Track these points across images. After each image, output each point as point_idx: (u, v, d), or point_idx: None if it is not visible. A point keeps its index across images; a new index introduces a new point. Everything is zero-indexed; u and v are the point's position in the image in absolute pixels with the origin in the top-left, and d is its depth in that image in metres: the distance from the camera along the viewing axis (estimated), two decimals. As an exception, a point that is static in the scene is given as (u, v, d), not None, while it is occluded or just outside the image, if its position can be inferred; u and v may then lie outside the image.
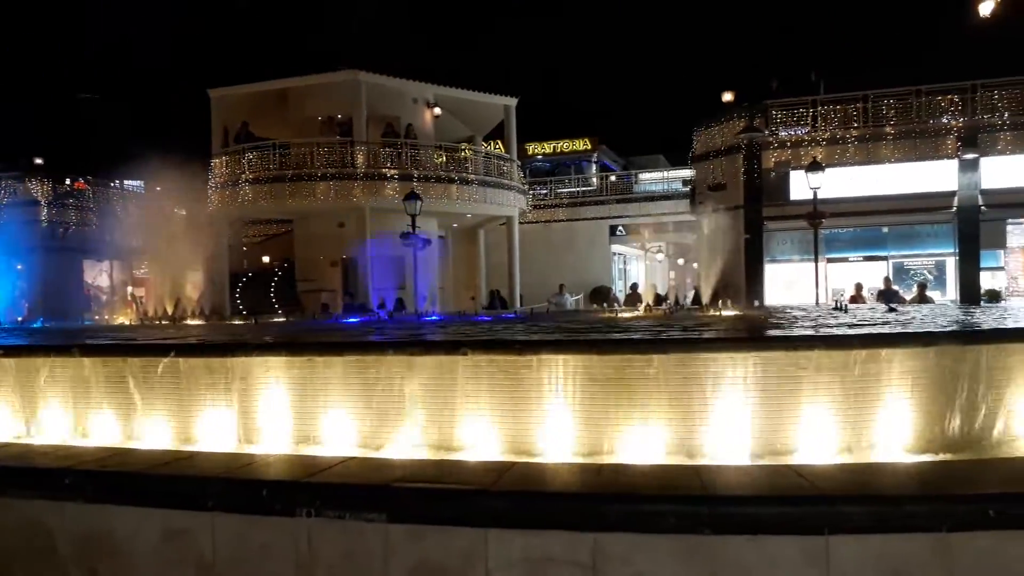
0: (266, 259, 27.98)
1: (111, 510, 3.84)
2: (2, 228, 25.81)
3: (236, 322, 17.56)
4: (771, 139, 21.23)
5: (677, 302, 16.33)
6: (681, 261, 37.97)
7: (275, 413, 4.91)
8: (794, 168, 20.63)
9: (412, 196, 19.63)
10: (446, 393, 4.62)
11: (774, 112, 21.46)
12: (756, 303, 13.14)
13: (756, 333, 5.04)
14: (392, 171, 22.13)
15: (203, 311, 24.89)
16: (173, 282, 30.73)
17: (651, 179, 34.64)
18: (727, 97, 22.71)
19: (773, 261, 21.91)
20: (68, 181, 30.81)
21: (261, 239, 31.33)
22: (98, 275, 31.31)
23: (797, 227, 19.52)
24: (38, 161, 36.07)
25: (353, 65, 22.40)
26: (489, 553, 3.21)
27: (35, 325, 14.21)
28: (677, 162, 33.07)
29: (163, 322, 13.98)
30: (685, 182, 30.25)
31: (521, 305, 22.81)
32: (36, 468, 4.08)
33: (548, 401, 4.46)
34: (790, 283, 21.53)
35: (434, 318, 13.13)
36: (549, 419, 4.44)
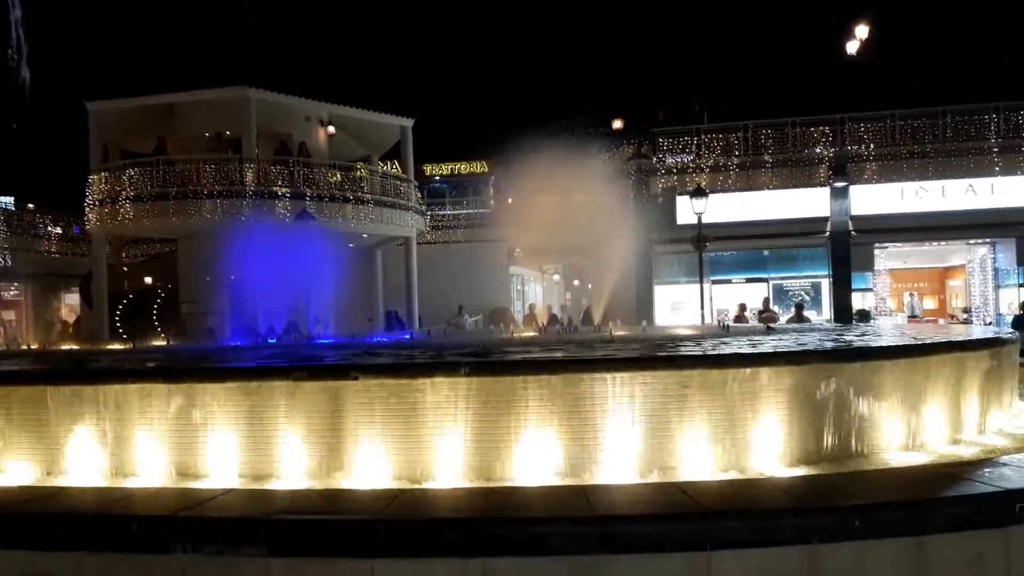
0: (148, 280, 26.64)
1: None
2: None
3: (115, 346, 16.61)
4: (658, 165, 22.03)
5: (570, 322, 16.62)
6: (576, 282, 38.76)
7: (152, 443, 4.67)
8: (680, 193, 21.43)
9: (304, 215, 19.21)
10: (333, 419, 4.52)
11: (661, 140, 22.30)
12: (644, 323, 13.54)
13: (644, 353, 5.18)
14: (284, 189, 21.58)
15: (79, 334, 23.46)
16: (47, 305, 28.91)
17: (544, 202, 35.18)
18: (617, 124, 23.42)
19: (661, 283, 22.65)
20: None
21: (143, 259, 29.86)
22: (-43, 297, 29.00)
23: (683, 250, 20.25)
24: None
25: (243, 81, 21.78)
26: (376, 584, 3.14)
27: None
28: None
29: (32, 347, 13.08)
30: (577, 207, 30.87)
31: (420, 326, 22.62)
32: None
33: (441, 425, 4.44)
34: (677, 304, 22.32)
35: (326, 341, 12.85)
36: (441, 443, 4.41)
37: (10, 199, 36.13)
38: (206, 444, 4.63)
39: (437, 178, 38.29)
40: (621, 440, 4.30)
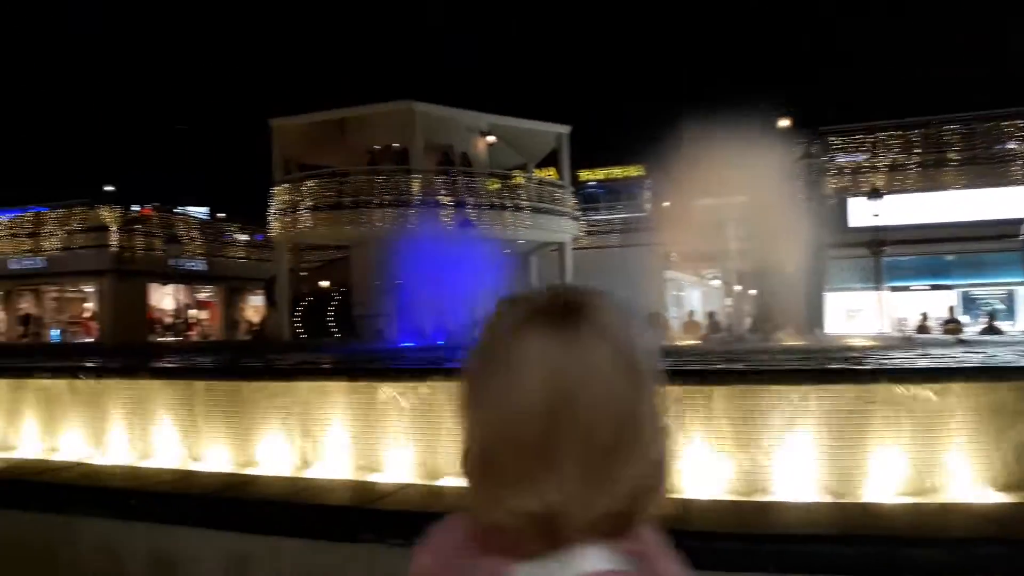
0: (325, 284, 28.52)
1: (177, 532, 3.93)
2: None
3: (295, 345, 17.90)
4: (829, 165, 20.87)
5: (733, 330, 16.05)
6: (738, 288, 37.44)
7: (334, 438, 4.98)
8: (853, 195, 20.20)
9: (466, 223, 19.84)
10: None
11: (832, 138, 21.11)
12: (817, 332, 12.85)
13: (820, 365, 4.92)
14: (446, 198, 22.41)
15: (264, 334, 25.47)
16: (236, 306, 31.55)
17: (705, 205, 34.30)
18: (783, 123, 22.41)
19: (833, 290, 21.40)
20: (135, 208, 32.02)
21: (320, 264, 31.96)
22: (163, 299, 32.33)
23: (858, 255, 19.05)
24: (108, 188, 37.62)
25: (408, 95, 22.84)
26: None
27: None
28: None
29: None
30: (741, 209, 29.86)
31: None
32: (109, 489, 4.21)
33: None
34: (851, 312, 21.00)
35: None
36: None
37: (205, 209, 39.84)
38: (383, 440, 4.87)
39: (592, 183, 38.29)
40: (799, 456, 4.10)
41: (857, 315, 20.28)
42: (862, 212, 18.56)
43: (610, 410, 0.85)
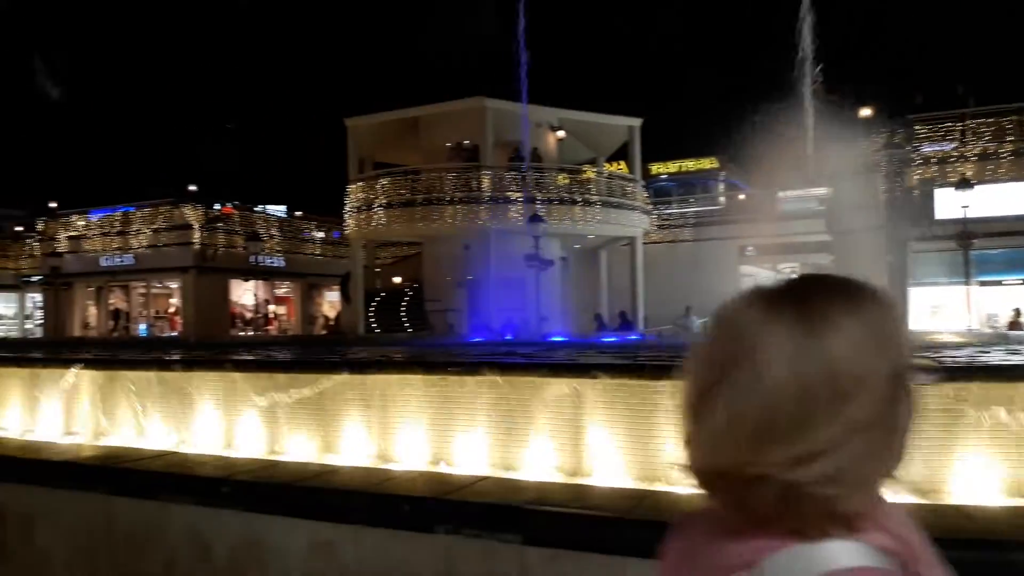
0: (397, 279, 29.00)
1: (262, 520, 4.07)
2: None
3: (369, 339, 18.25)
4: (914, 155, 20.05)
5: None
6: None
7: (410, 430, 5.06)
8: (940, 185, 19.36)
9: (536, 218, 19.84)
10: (574, 415, 4.61)
11: (917, 127, 20.27)
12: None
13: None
14: (516, 194, 22.48)
15: (340, 329, 26.09)
16: (312, 301, 32.41)
17: (783, 198, 33.46)
18: (865, 112, 21.64)
19: (917, 284, 20.58)
20: (217, 206, 33.20)
21: (393, 261, 32.50)
22: (243, 294, 33.45)
23: (944, 248, 18.26)
24: (192, 188, 39.10)
25: (479, 92, 23.00)
26: (627, 582, 3.17)
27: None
28: (812, 181, 31.77)
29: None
30: (821, 201, 29.02)
31: (645, 327, 22.51)
32: (198, 477, 4.38)
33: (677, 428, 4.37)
34: (936, 307, 20.14)
35: (560, 339, 13.14)
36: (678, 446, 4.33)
37: (283, 207, 40.98)
38: (457, 433, 4.93)
39: (663, 176, 37.76)
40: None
41: (942, 311, 19.44)
42: (950, 203, 17.76)
43: (863, 398, 0.84)
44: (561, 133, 26.04)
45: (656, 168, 37.93)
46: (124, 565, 4.58)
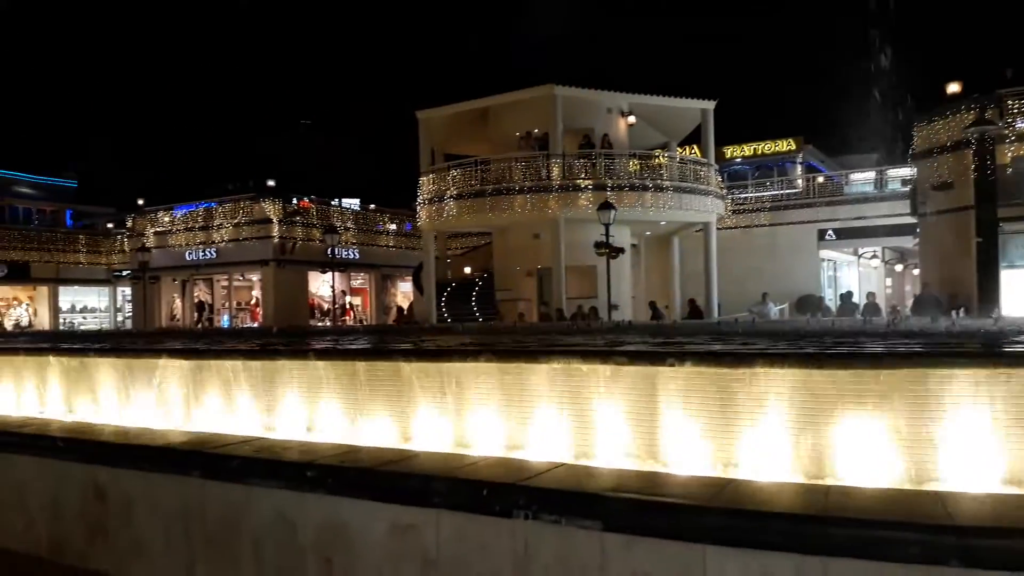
0: (467, 270, 29.27)
1: (345, 503, 4.18)
2: None
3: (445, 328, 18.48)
4: (1007, 132, 19.01)
5: (896, 311, 15.02)
6: (899, 268, 34.97)
7: (485, 416, 5.11)
8: (1036, 162, 18.35)
9: (606, 206, 19.69)
10: (650, 403, 4.57)
11: (1010, 102, 19.21)
12: (996, 313, 11.76)
13: (992, 348, 4.51)
14: (586, 182, 22.35)
15: (412, 318, 26.46)
16: (386, 292, 32.97)
17: (864, 179, 32.28)
18: (953, 88, 20.62)
19: (1011, 267, 19.56)
20: (295, 201, 34.11)
21: (463, 251, 32.80)
22: (320, 286, 34.33)
23: (1040, 228, 17.30)
24: (270, 183, 40.27)
25: (549, 80, 22.91)
26: (708, 570, 3.14)
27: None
28: (895, 161, 30.58)
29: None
30: (904, 182, 27.89)
31: (719, 315, 22.09)
32: (284, 462, 4.53)
33: (758, 416, 4.27)
34: (1034, 291, 19.12)
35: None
36: (760, 435, 4.24)
37: (356, 201, 41.77)
38: (530, 420, 4.95)
39: (739, 159, 36.88)
40: (975, 445, 3.79)
41: (1041, 294, 18.43)
42: (1047, 181, 16.79)
43: None
44: (632, 118, 25.73)
45: (731, 151, 37.07)
46: (216, 546, 4.78)
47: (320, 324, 31.74)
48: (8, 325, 34.56)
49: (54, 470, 5.81)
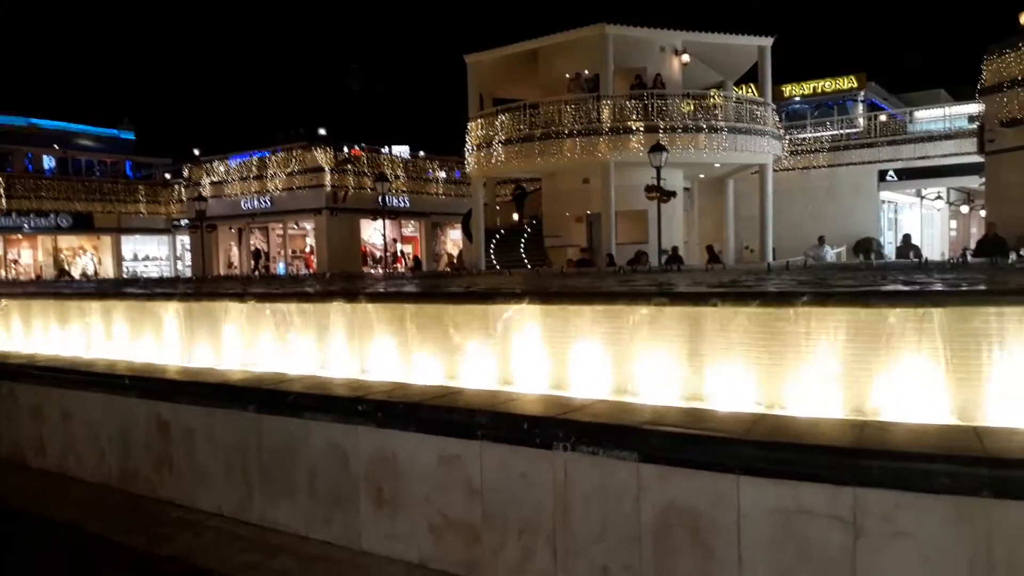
0: (516, 217, 29.25)
1: (395, 435, 4.37)
2: None
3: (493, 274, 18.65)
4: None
5: (965, 253, 14.55)
6: (965, 209, 33.71)
7: (526, 355, 5.22)
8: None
9: (657, 148, 19.38)
10: (692, 343, 4.61)
11: (1089, 30, 18.13)
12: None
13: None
14: (638, 124, 21.97)
15: (463, 265, 26.73)
16: (436, 239, 33.09)
17: (929, 117, 30.99)
18: (1026, 17, 19.51)
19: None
20: (345, 149, 34.38)
21: (511, 197, 32.74)
22: (372, 233, 34.78)
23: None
24: (322, 131, 40.58)
25: (600, 19, 22.39)
26: (741, 500, 3.22)
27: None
28: (962, 96, 29.25)
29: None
30: (971, 118, 26.68)
31: (774, 259, 21.74)
32: (336, 396, 4.73)
33: (803, 354, 4.28)
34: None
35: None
36: (804, 374, 4.26)
37: (405, 148, 41.89)
38: (574, 359, 5.04)
39: (797, 98, 35.71)
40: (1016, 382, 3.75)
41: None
42: None
43: None
44: (686, 57, 25.05)
45: (789, 90, 35.91)
46: (273, 475, 5.05)
47: (373, 272, 32.27)
48: (75, 274, 36.00)
49: (124, 405, 6.16)
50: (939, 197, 32.51)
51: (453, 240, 37.80)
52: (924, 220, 32.65)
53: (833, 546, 3.04)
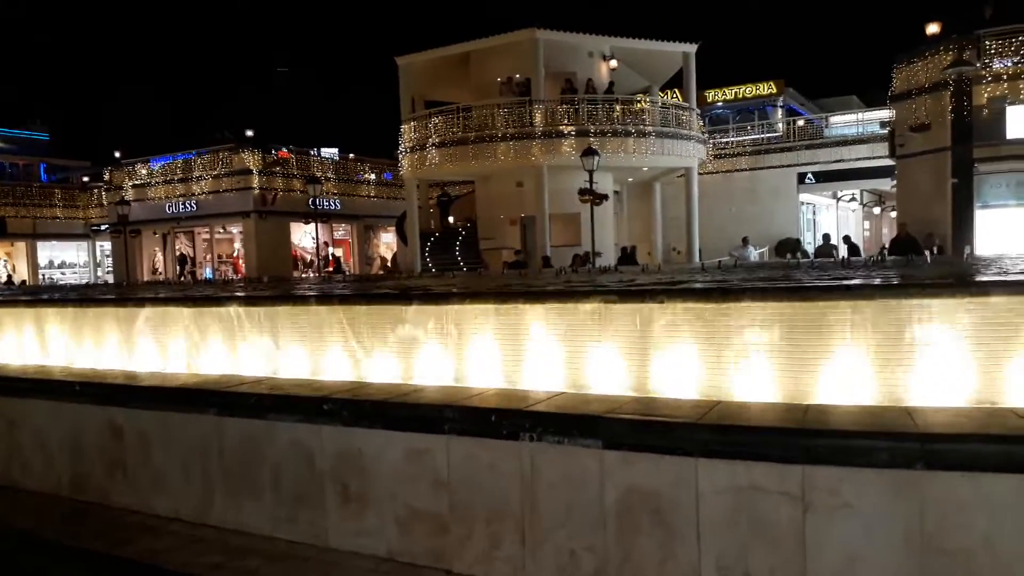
0: (451, 219, 29.33)
1: (360, 433, 4.47)
2: None
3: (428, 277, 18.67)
4: (984, 72, 19.25)
5: (883, 252, 15.37)
6: (877, 210, 35.45)
7: (485, 354, 5.37)
8: (1011, 103, 18.62)
9: (590, 152, 19.79)
10: (642, 338, 4.85)
11: (988, 43, 19.38)
12: (967, 253, 12.19)
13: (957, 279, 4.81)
14: (569, 128, 22.37)
15: (396, 268, 26.60)
16: (368, 242, 32.82)
17: (843, 122, 32.47)
18: (932, 29, 20.72)
19: (985, 207, 20.02)
20: (274, 151, 33.78)
21: (447, 199, 32.77)
22: (303, 236, 34.26)
23: (1014, 169, 17.69)
24: (249, 133, 39.72)
25: (530, 23, 22.71)
26: (699, 481, 3.46)
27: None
28: (873, 102, 30.76)
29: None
30: (883, 124, 28.13)
31: (700, 259, 22.45)
32: (301, 396, 4.79)
33: (746, 348, 4.57)
34: (1005, 231, 19.62)
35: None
36: (749, 364, 4.54)
37: (335, 150, 41.42)
38: (529, 356, 5.22)
39: (720, 104, 36.88)
40: (942, 368, 4.12)
41: (1010, 235, 18.92)
42: (1021, 122, 17.12)
43: None
44: (614, 63, 25.64)
45: (712, 95, 37.04)
46: (235, 477, 5.07)
47: (304, 276, 31.79)
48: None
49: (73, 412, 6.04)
50: (853, 199, 34.10)
51: (386, 243, 37.57)
52: (840, 220, 34.18)
53: (784, 520, 3.31)
